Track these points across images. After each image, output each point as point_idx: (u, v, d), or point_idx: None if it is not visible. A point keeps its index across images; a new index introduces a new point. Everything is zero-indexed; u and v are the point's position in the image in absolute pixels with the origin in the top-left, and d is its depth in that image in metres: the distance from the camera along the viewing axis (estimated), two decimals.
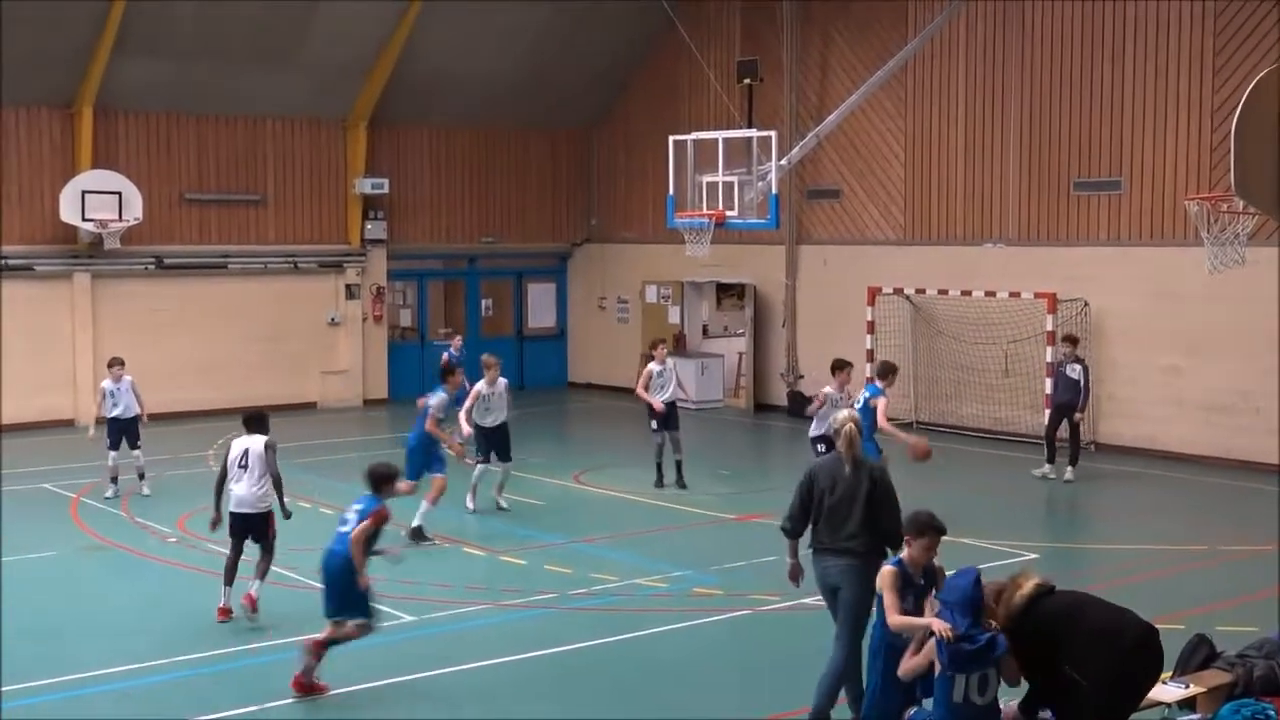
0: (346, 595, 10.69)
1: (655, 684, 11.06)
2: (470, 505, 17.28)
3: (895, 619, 8.40)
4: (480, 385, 17.33)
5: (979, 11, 23.51)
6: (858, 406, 15.86)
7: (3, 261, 24.16)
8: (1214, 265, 15.52)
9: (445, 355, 21.35)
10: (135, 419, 18.17)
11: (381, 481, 11.07)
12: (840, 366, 16.94)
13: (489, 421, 17.32)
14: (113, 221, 24.18)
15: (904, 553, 8.76)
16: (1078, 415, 19.50)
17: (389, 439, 24.59)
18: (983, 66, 23.60)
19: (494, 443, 17.38)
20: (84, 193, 24.03)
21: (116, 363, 18.40)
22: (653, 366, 19.20)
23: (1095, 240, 22.27)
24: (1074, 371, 19.37)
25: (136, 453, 18.21)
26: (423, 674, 11.12)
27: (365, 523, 10.72)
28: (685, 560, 14.85)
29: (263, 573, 12.70)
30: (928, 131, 24.48)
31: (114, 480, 18.14)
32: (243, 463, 12.70)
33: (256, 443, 12.75)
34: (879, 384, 16.41)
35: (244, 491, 12.69)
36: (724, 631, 12.48)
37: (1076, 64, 22.34)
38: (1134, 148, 21.74)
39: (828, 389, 16.73)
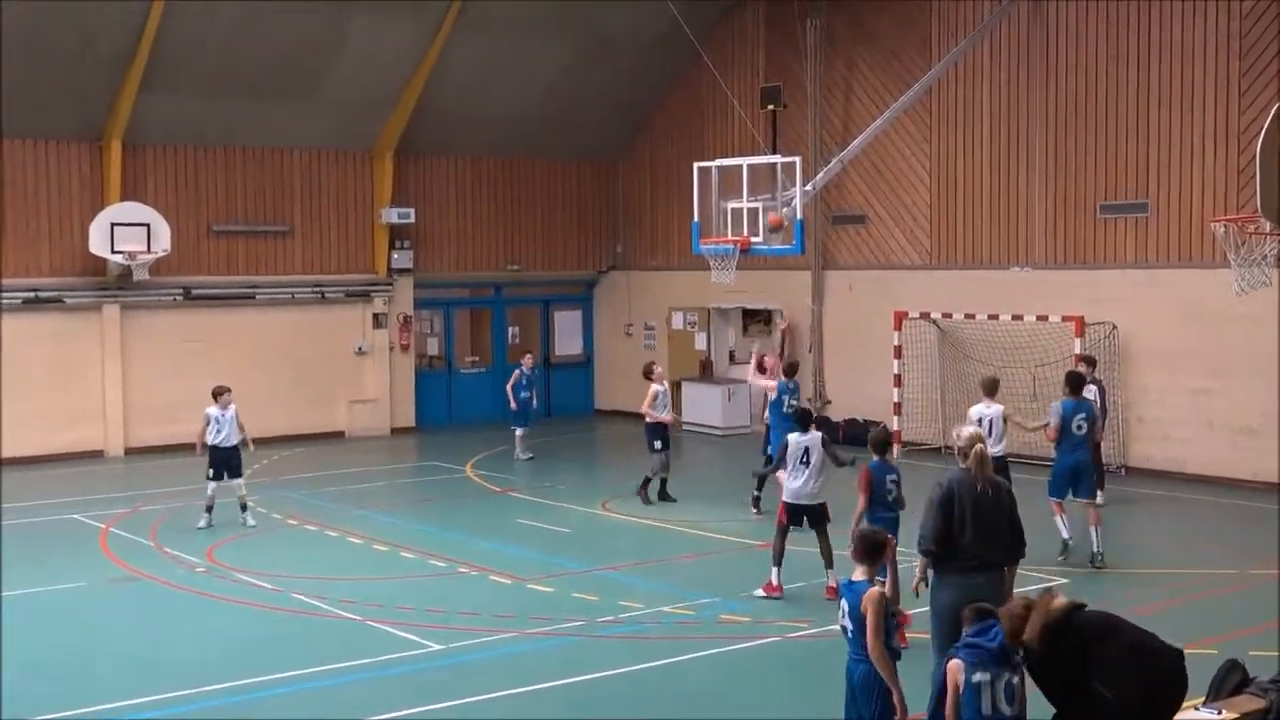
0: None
1: (683, 712, 11.01)
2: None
3: (878, 649, 8.36)
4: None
5: (1003, 36, 23.51)
6: (771, 399, 18.57)
7: (33, 294, 24.33)
8: (1241, 287, 15.48)
9: (516, 372, 23.49)
10: (237, 448, 18.20)
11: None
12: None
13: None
14: (141, 253, 24.34)
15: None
16: (1097, 438, 19.19)
17: (415, 466, 24.70)
18: (1008, 90, 23.59)
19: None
20: (113, 225, 24.19)
21: (224, 390, 18.42)
22: (656, 388, 19.83)
23: (1122, 263, 22.17)
24: (1089, 393, 18.73)
25: (239, 482, 18.20)
26: (449, 703, 11.08)
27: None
28: (713, 588, 14.80)
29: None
30: (953, 155, 24.46)
31: (209, 510, 18.07)
32: (804, 459, 14.27)
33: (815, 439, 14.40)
34: (786, 380, 18.30)
35: (807, 486, 14.20)
36: (752, 659, 12.42)
37: (1102, 87, 22.30)
38: (1160, 170, 21.67)
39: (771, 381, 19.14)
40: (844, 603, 8.62)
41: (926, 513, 10.05)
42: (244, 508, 18.20)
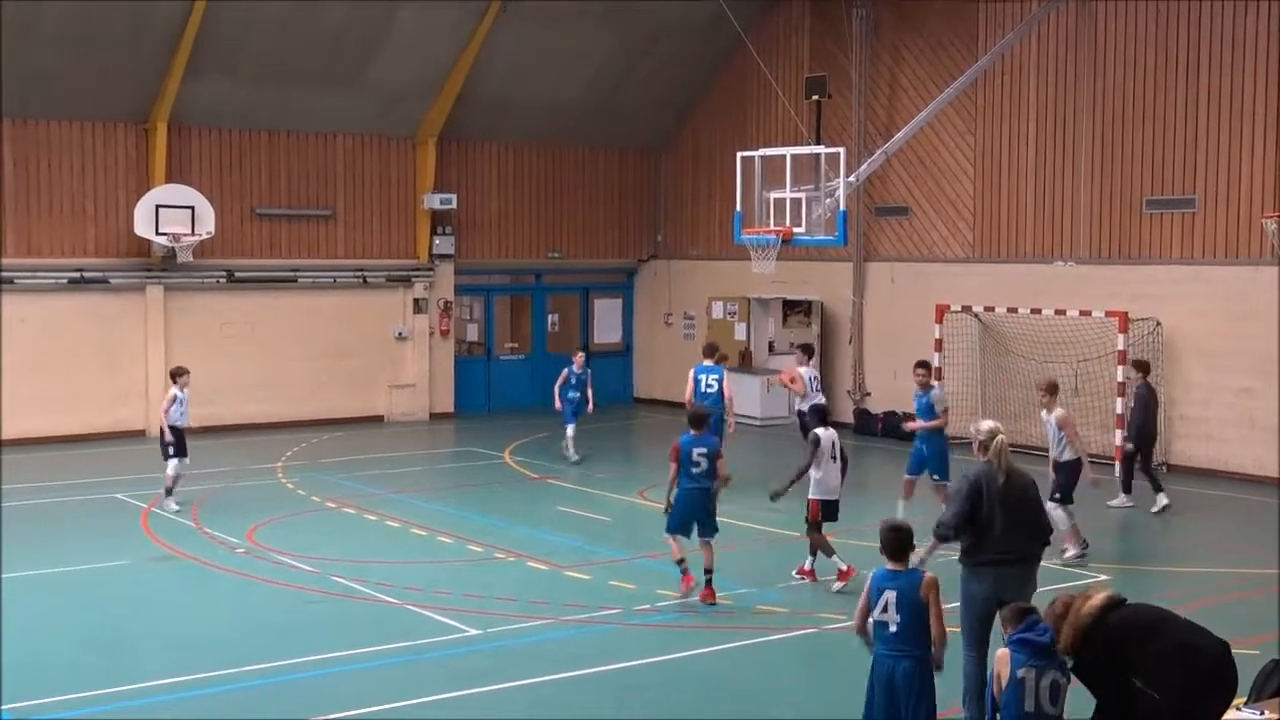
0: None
1: (718, 701, 11.00)
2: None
3: (945, 633, 8.51)
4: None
5: (1050, 29, 23.33)
6: (711, 391, 18.93)
7: (79, 274, 24.52)
8: None
9: (565, 371, 22.73)
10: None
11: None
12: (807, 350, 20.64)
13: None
14: (185, 235, 24.47)
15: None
16: (1128, 444, 18.94)
17: (454, 452, 24.77)
18: (1054, 83, 23.41)
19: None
20: (157, 207, 24.33)
21: (184, 371, 18.62)
22: (804, 370, 20.32)
23: (1168, 259, 21.98)
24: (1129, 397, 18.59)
25: (186, 462, 18.30)
26: (486, 688, 11.11)
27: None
28: (749, 578, 14.79)
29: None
30: (998, 148, 24.31)
31: (170, 492, 18.17)
32: (833, 454, 14.49)
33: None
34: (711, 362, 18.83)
35: (835, 480, 14.66)
36: (788, 650, 12.40)
37: (1149, 81, 22.11)
38: (1207, 166, 21.47)
39: (802, 369, 19.70)
40: (888, 594, 8.47)
41: (950, 503, 10.15)
42: (170, 492, 18.20)
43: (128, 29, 23.22)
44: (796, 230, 20.28)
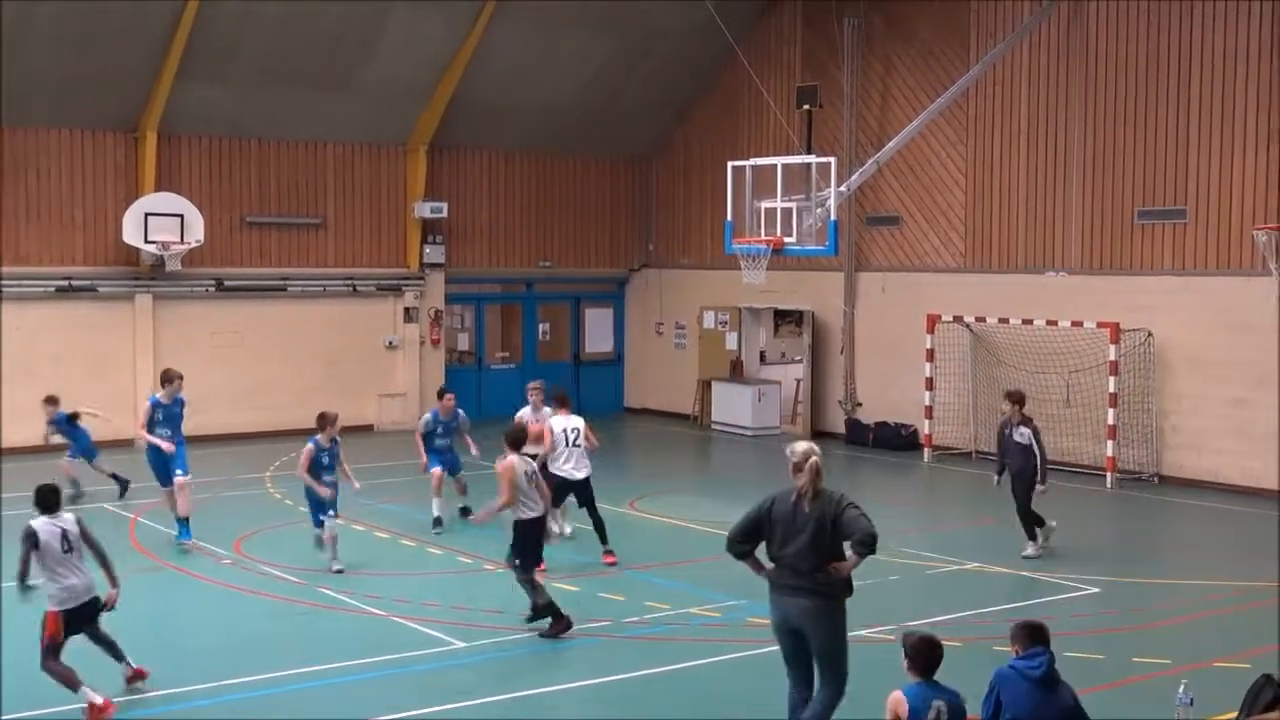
0: None
1: (707, 714, 10.93)
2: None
3: None
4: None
5: (1042, 38, 23.32)
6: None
7: (67, 282, 24.43)
8: None
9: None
10: None
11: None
12: None
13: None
14: (174, 244, 24.39)
15: None
16: (1040, 487, 16.14)
17: None
18: (1045, 93, 23.39)
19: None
20: (146, 215, 24.25)
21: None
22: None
23: (1159, 270, 21.96)
24: (1022, 436, 16.12)
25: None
26: (473, 701, 11.03)
27: None
28: (739, 590, 14.63)
29: None
30: (989, 158, 24.29)
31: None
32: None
33: None
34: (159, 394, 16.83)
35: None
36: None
37: (1141, 91, 22.09)
38: (1199, 176, 21.45)
39: (557, 419, 16.45)
40: (939, 703, 7.80)
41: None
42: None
43: (118, 35, 23.13)
44: (787, 240, 20.22)
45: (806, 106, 23.65)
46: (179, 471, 16.59)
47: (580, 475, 16.03)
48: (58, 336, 24.34)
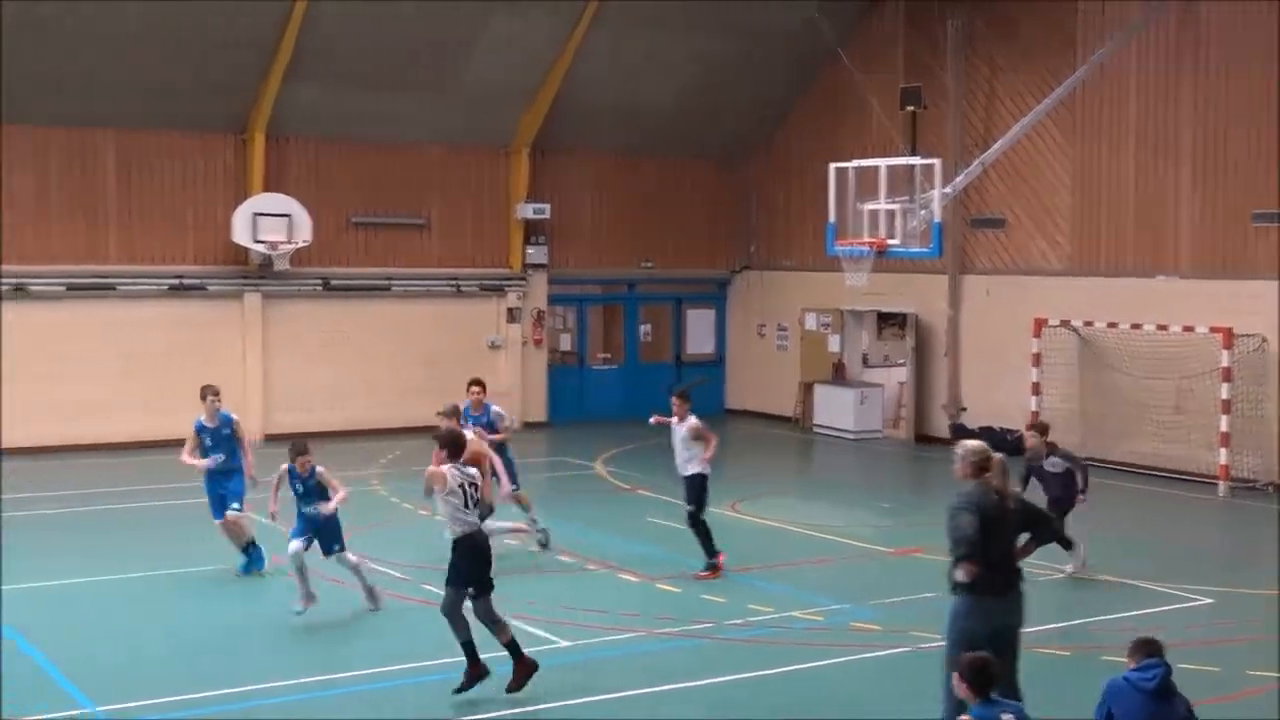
0: None
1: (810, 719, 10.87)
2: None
3: None
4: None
5: (1152, 36, 22.88)
6: None
7: (178, 281, 24.93)
8: None
9: (283, 467, 14.71)
10: None
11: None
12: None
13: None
14: (282, 243, 24.76)
15: None
16: (1081, 498, 15.49)
17: (546, 462, 24.76)
18: (1155, 93, 22.96)
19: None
20: (255, 215, 24.65)
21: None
22: None
23: (1274, 274, 21.43)
24: (1055, 465, 15.49)
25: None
26: (575, 700, 11.05)
27: None
28: (843, 594, 14.60)
29: None
30: (1097, 159, 23.88)
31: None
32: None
33: None
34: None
35: None
36: (883, 669, 12.20)
37: (1256, 89, 21.58)
38: None
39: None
40: (1006, 717, 7.65)
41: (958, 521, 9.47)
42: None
43: (225, 41, 23.53)
44: (891, 242, 20.08)
45: (910, 107, 23.46)
46: (234, 505, 15.14)
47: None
48: (168, 333, 24.83)
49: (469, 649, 11.05)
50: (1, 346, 23.66)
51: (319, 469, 13.94)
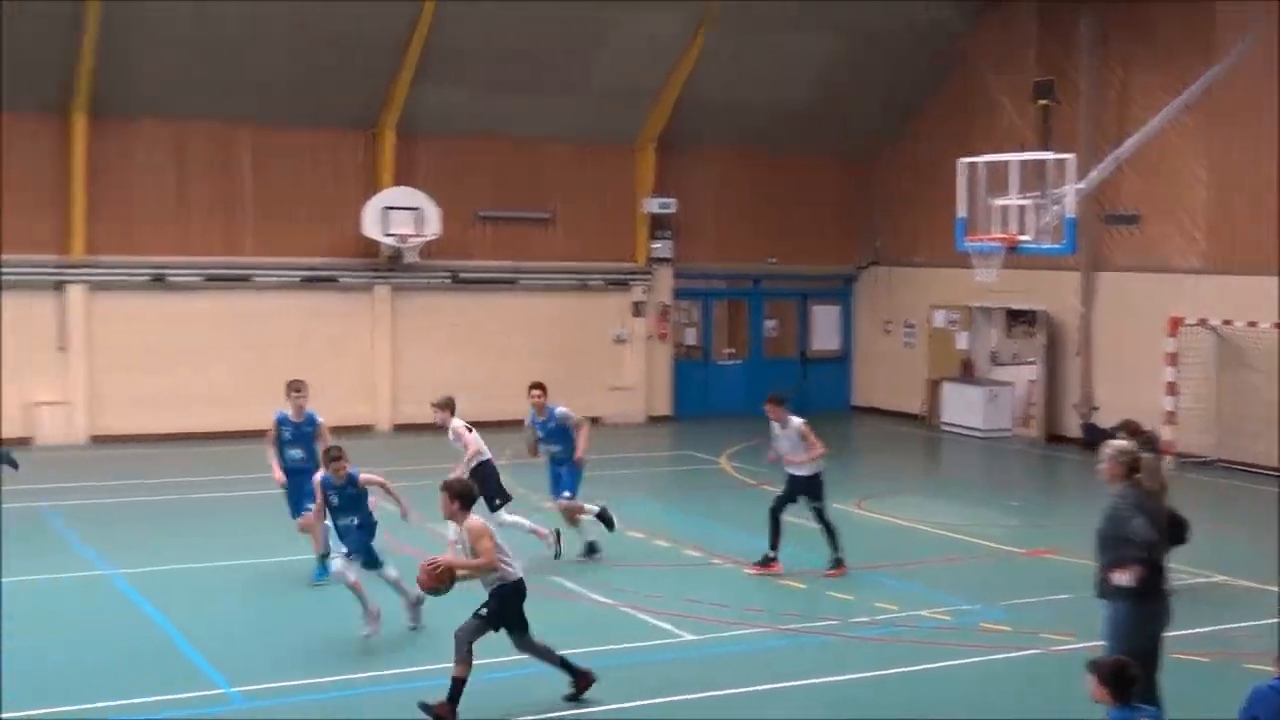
0: None
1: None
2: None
3: None
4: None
5: None
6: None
7: (311, 273, 25.41)
8: None
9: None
10: None
11: None
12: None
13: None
14: (412, 237, 25.11)
15: None
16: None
17: (670, 456, 24.78)
18: None
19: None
20: (386, 209, 25.02)
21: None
22: None
23: None
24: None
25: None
26: (700, 694, 11.05)
27: None
28: (971, 594, 14.41)
29: None
30: (1234, 153, 23.24)
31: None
32: None
33: None
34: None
35: None
36: (1013, 671, 12.02)
37: None
38: None
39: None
40: None
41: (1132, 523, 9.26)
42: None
43: (357, 41, 23.94)
44: (1022, 238, 19.77)
45: (1044, 101, 23.07)
46: (309, 505, 14.19)
47: None
48: (300, 324, 25.30)
49: (458, 686, 10.31)
50: (138, 336, 24.34)
51: (361, 475, 13.02)
